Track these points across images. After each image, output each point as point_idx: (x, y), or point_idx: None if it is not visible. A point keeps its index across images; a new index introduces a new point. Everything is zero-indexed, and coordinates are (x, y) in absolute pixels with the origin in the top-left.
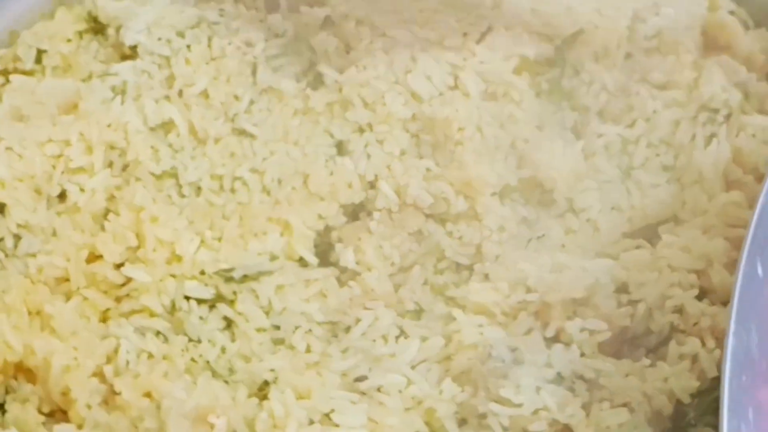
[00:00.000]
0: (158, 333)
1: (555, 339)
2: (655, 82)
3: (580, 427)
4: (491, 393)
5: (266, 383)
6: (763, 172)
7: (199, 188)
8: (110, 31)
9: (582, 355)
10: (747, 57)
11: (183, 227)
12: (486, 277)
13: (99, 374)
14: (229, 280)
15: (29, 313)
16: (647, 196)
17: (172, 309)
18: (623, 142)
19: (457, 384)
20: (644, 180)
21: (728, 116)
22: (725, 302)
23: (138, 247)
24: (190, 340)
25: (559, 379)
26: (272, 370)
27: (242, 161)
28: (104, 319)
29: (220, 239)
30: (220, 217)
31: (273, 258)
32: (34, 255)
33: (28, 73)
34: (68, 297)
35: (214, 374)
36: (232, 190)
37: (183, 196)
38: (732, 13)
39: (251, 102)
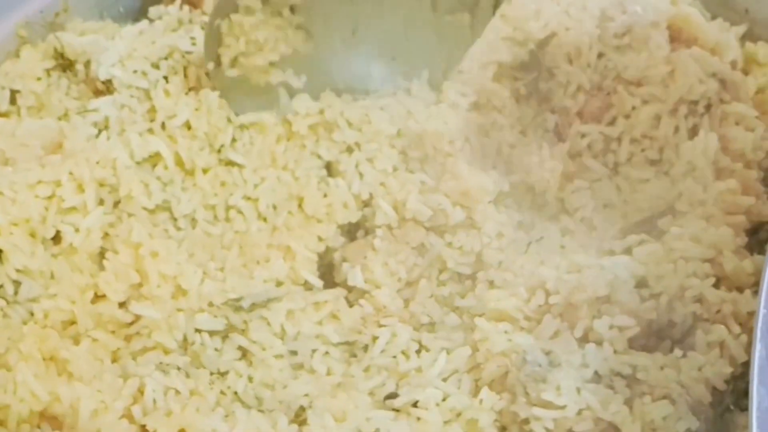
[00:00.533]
0: (178, 368)
1: (584, 339)
2: (630, 78)
3: (626, 424)
4: (531, 398)
5: (302, 409)
6: (750, 159)
7: (194, 220)
8: (79, 66)
9: (615, 352)
10: (713, 48)
11: (184, 260)
12: (491, 284)
13: (127, 415)
14: (239, 309)
15: (43, 359)
16: (638, 191)
17: (185, 343)
18: (606, 140)
19: (493, 392)
20: (633, 175)
21: (708, 107)
22: (740, 288)
23: (140, 284)
24: (211, 372)
25: (597, 377)
26: (306, 395)
27: (234, 190)
28: (114, 359)
29: (222, 269)
30: (219, 248)
31: (279, 284)
32: (35, 300)
33: (4, 114)
34: (76, 340)
35: (244, 405)
36: (227, 220)
37: (179, 228)
38: (689, 5)
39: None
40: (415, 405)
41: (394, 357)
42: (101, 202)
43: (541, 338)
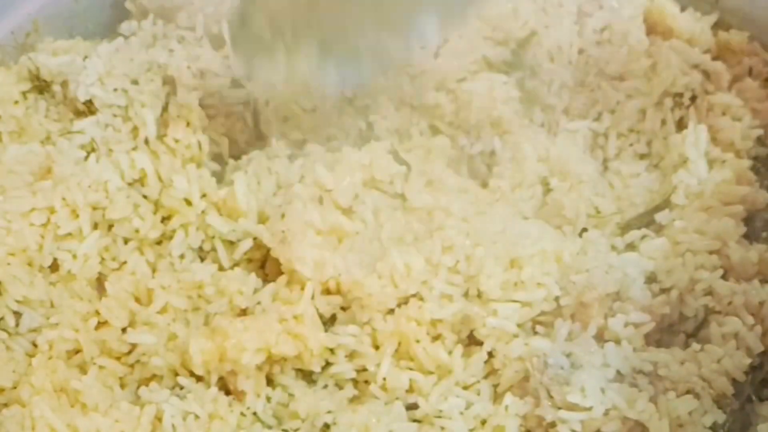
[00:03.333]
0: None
1: (598, 338)
2: (612, 73)
3: (653, 422)
4: (556, 401)
5: (327, 426)
6: (740, 148)
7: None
8: (56, 87)
9: (634, 349)
10: (689, 39)
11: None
12: None
13: None
14: None
15: (54, 391)
16: (630, 186)
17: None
18: (593, 136)
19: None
20: (624, 170)
21: (693, 98)
22: (747, 278)
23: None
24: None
25: (619, 376)
26: (329, 412)
27: None
28: (122, 386)
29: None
30: None
31: None
32: (36, 330)
33: None
34: (82, 368)
35: (264, 425)
36: None
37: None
38: None
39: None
40: (438, 415)
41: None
42: (95, 226)
43: (557, 340)
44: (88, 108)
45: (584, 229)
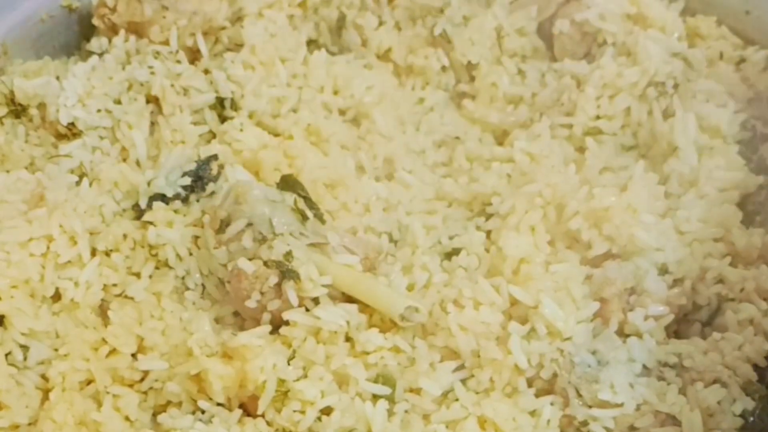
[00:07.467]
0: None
1: (619, 332)
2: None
3: (684, 414)
4: (586, 399)
5: None
6: (727, 134)
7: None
8: (32, 111)
9: (656, 342)
10: (662, 26)
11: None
12: None
13: None
14: None
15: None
16: (621, 178)
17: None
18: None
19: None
20: (613, 163)
21: (676, 86)
22: (751, 263)
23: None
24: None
25: (646, 370)
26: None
27: None
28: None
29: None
30: None
31: None
32: (44, 363)
33: None
34: (96, 399)
35: None
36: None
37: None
38: None
39: None
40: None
41: None
42: (94, 252)
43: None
44: (71, 130)
45: None
